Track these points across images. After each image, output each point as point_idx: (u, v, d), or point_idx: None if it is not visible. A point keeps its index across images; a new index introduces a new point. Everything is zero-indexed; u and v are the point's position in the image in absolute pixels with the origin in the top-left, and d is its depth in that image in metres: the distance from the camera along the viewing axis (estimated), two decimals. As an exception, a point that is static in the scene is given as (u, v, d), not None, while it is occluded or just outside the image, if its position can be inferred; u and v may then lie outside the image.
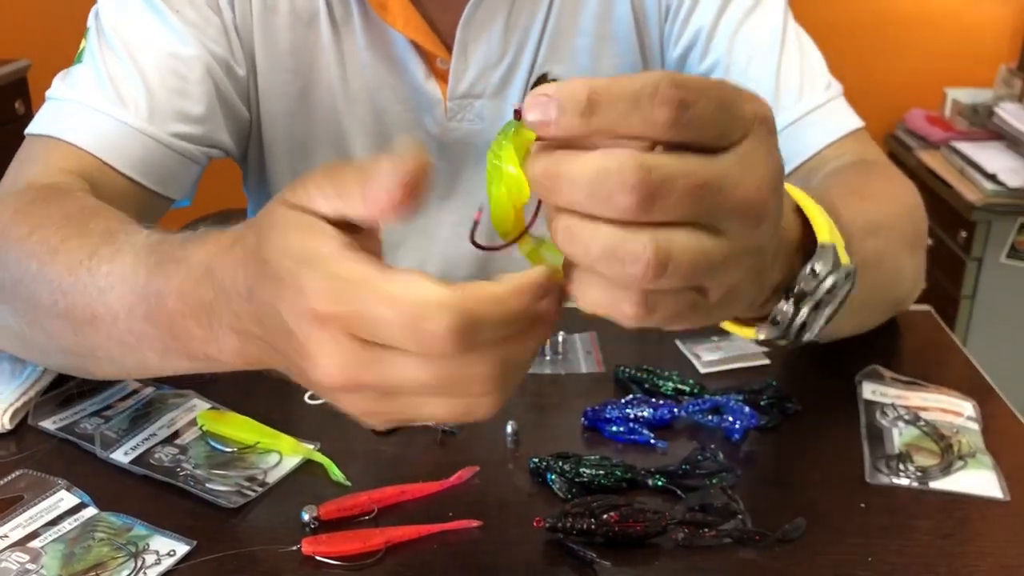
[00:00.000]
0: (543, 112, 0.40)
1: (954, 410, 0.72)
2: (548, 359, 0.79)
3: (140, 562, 0.57)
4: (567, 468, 0.63)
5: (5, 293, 0.66)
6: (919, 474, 0.65)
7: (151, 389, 0.74)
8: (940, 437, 0.68)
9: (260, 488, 0.63)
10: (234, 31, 0.87)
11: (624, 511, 0.58)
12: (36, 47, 2.31)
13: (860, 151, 0.86)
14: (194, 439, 0.68)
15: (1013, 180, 2.09)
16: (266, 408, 0.71)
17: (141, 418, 0.70)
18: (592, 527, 0.58)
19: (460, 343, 0.40)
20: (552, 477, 0.63)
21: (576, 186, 0.40)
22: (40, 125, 0.81)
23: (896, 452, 0.67)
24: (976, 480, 0.64)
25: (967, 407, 0.72)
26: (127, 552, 0.57)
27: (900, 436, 0.69)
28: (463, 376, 0.42)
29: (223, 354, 0.51)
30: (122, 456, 0.66)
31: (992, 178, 2.11)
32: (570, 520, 0.58)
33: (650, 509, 0.59)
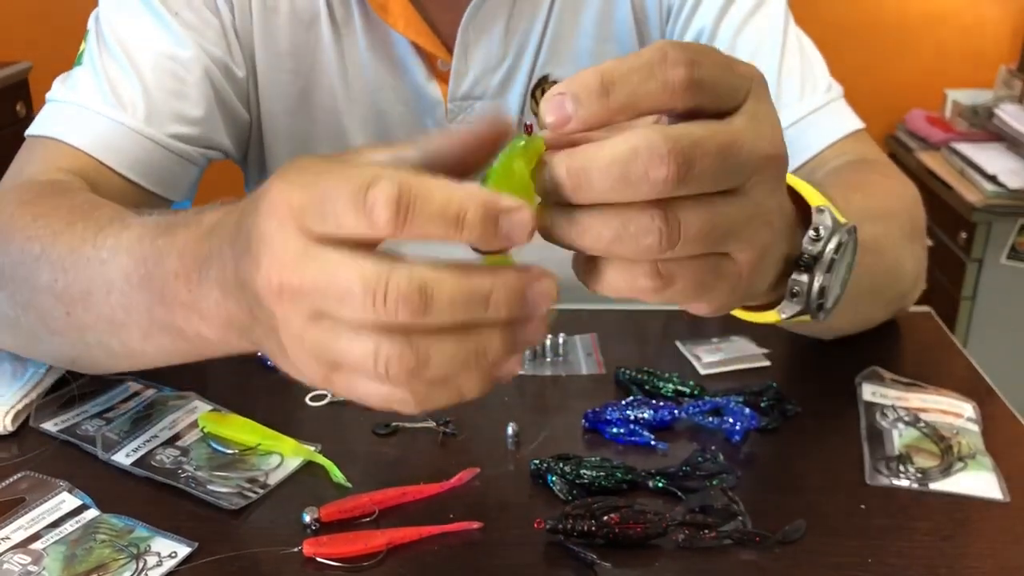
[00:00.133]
0: (559, 110, 0.40)
1: (954, 411, 0.72)
2: (549, 360, 0.79)
3: (142, 564, 0.57)
4: (568, 470, 0.63)
5: (3, 277, 0.66)
6: (919, 475, 0.65)
7: (152, 391, 0.74)
8: (940, 438, 0.68)
9: (261, 490, 0.63)
10: (233, 33, 0.87)
11: (624, 512, 0.58)
12: (37, 49, 2.32)
13: (860, 151, 0.86)
14: (195, 441, 0.68)
15: (1013, 181, 2.09)
16: (267, 410, 0.71)
17: (142, 420, 0.70)
18: (593, 528, 0.58)
19: (400, 213, 0.38)
20: (553, 479, 0.63)
21: (608, 172, 0.40)
22: (39, 127, 0.82)
23: (896, 453, 0.67)
24: (976, 481, 0.65)
25: (967, 408, 0.72)
26: (129, 554, 0.57)
27: (900, 437, 0.69)
28: (421, 352, 0.40)
29: (204, 320, 0.50)
30: (123, 458, 0.66)
31: (992, 179, 2.11)
32: (571, 521, 0.58)
33: (650, 510, 0.59)
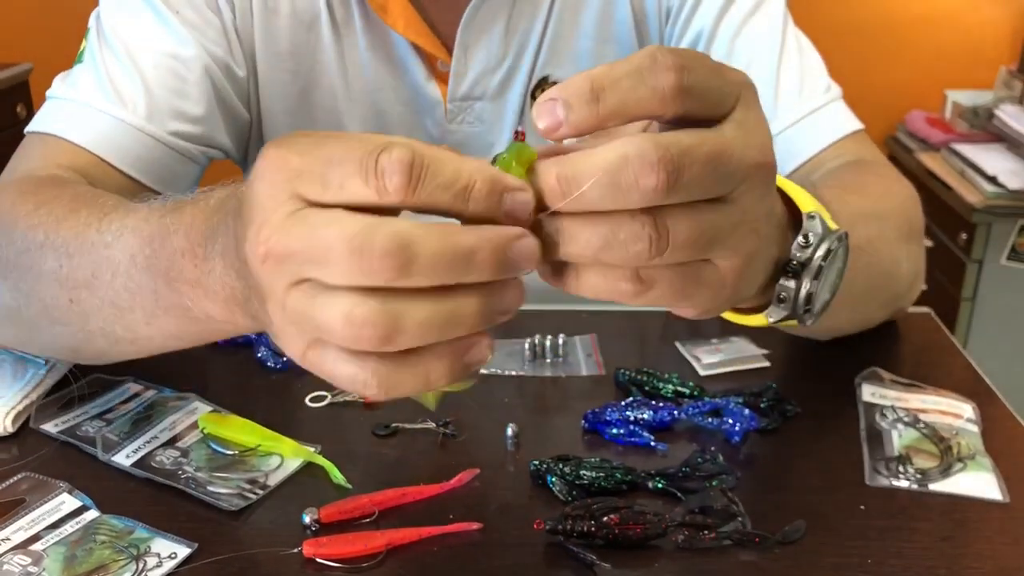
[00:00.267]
0: (551, 115, 0.40)
1: (954, 412, 0.72)
2: (548, 361, 0.79)
3: (141, 565, 0.57)
4: (567, 470, 0.63)
5: (6, 267, 0.66)
6: (919, 476, 0.65)
7: (152, 392, 0.74)
8: (940, 439, 0.68)
9: (261, 491, 0.63)
10: (234, 32, 0.87)
11: (624, 513, 0.58)
12: (38, 51, 2.32)
13: (859, 152, 0.86)
14: (195, 442, 0.68)
15: (1013, 182, 2.09)
16: (267, 411, 0.71)
17: (142, 421, 0.70)
18: (592, 529, 0.58)
19: (412, 179, 0.40)
20: (552, 479, 0.63)
21: (598, 180, 0.40)
22: (39, 123, 0.82)
23: (896, 454, 0.67)
24: (976, 482, 0.65)
25: (967, 409, 0.72)
26: (129, 555, 0.57)
27: (900, 438, 0.69)
28: (399, 313, 0.40)
29: (208, 297, 0.50)
30: (124, 459, 0.66)
31: (992, 180, 2.11)
32: (570, 522, 0.58)
33: (650, 511, 0.59)
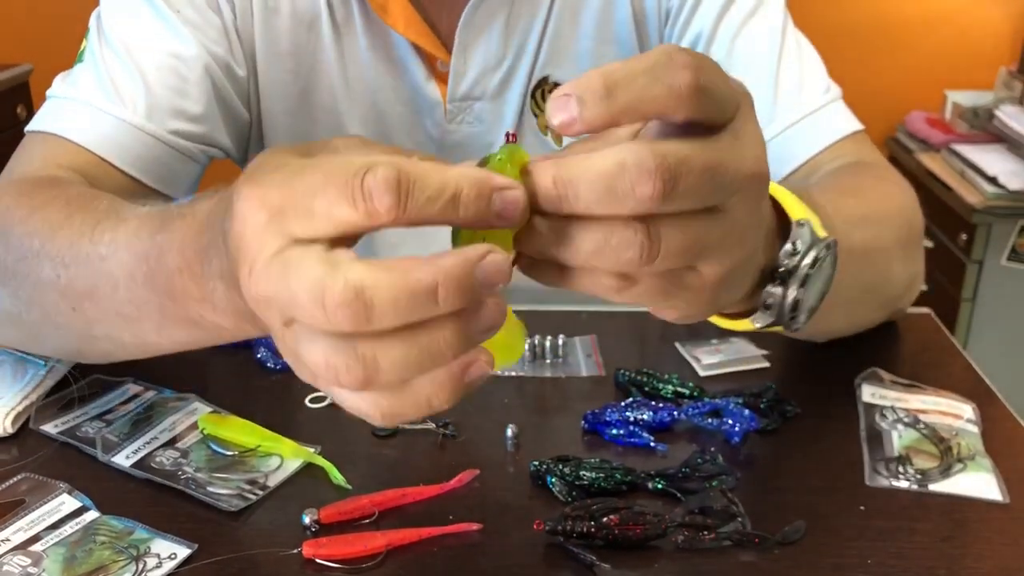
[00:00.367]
0: (565, 110, 0.40)
1: (954, 413, 0.72)
2: (548, 362, 0.79)
3: (141, 565, 0.57)
4: (567, 471, 0.63)
5: (5, 274, 0.66)
6: (919, 477, 0.65)
7: (152, 393, 0.74)
8: (940, 440, 0.68)
9: (261, 491, 0.63)
10: (234, 32, 0.87)
11: (624, 514, 0.58)
12: (38, 52, 2.32)
13: (858, 153, 0.85)
14: (195, 442, 0.68)
15: (1013, 183, 2.09)
16: (267, 411, 0.71)
17: (142, 422, 0.70)
18: (592, 530, 0.58)
19: (401, 197, 0.38)
20: (552, 480, 0.63)
21: (595, 185, 0.40)
22: (39, 122, 0.82)
23: (895, 455, 0.67)
24: (976, 483, 0.65)
25: (967, 410, 0.72)
26: (128, 555, 0.57)
27: (899, 439, 0.69)
28: (374, 356, 0.38)
29: (216, 311, 0.50)
30: (123, 460, 0.66)
31: (992, 181, 2.11)
32: (570, 523, 0.58)
33: (650, 512, 0.59)
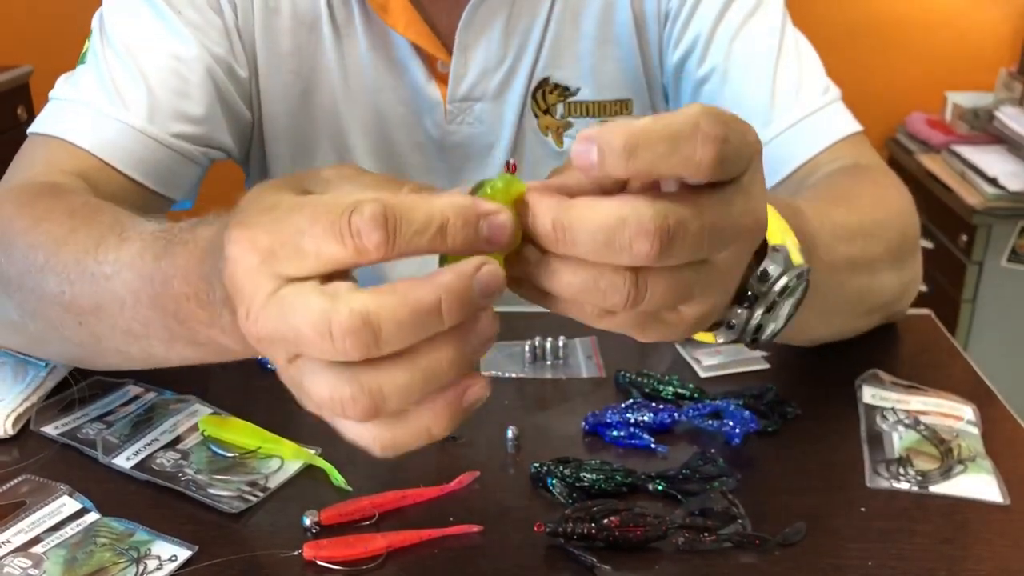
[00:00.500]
0: (586, 158, 0.40)
1: (954, 414, 0.72)
2: (549, 364, 0.79)
3: (142, 567, 0.57)
4: (568, 473, 0.63)
5: (10, 286, 0.66)
6: (919, 478, 0.65)
7: (153, 394, 0.74)
8: (940, 441, 0.68)
9: (261, 493, 0.63)
10: (236, 32, 0.87)
11: (624, 516, 0.58)
12: (38, 53, 2.32)
13: (856, 156, 0.85)
14: (196, 444, 0.68)
15: (1014, 184, 2.09)
16: (268, 413, 0.71)
17: (143, 423, 0.70)
18: (593, 532, 0.58)
19: (389, 233, 0.40)
20: (553, 482, 0.63)
21: (593, 236, 0.40)
22: (42, 125, 0.82)
23: (896, 456, 0.67)
24: (976, 484, 0.65)
25: (967, 411, 0.72)
26: (129, 557, 0.57)
27: (900, 440, 0.69)
28: (377, 383, 0.41)
29: (225, 334, 0.50)
30: (124, 461, 0.66)
31: (993, 182, 2.11)
32: (571, 525, 0.58)
33: (650, 513, 0.59)
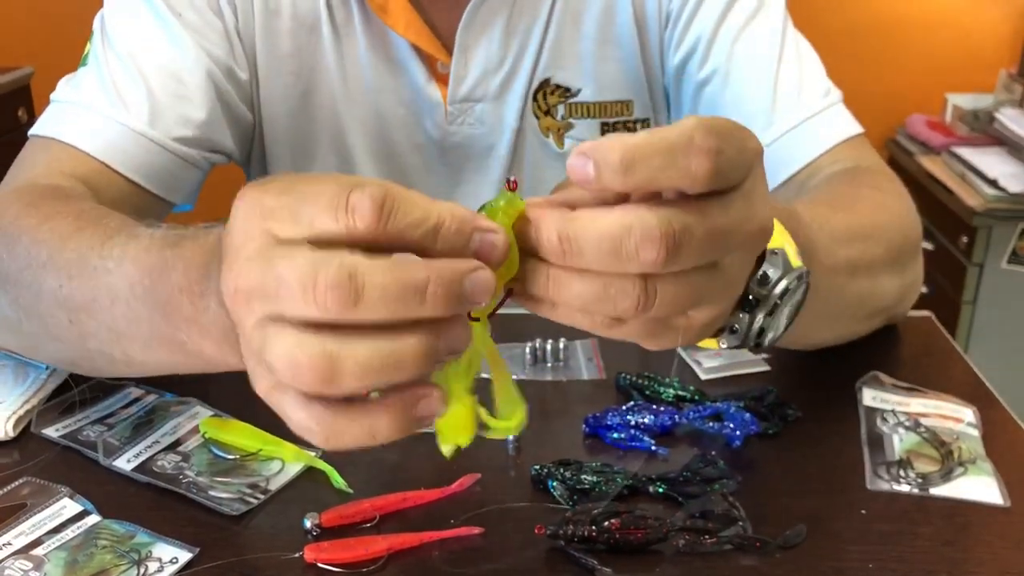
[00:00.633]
0: (582, 172, 0.41)
1: (954, 416, 0.72)
2: (549, 366, 0.79)
3: (143, 569, 0.57)
4: (568, 475, 0.63)
5: (8, 281, 0.66)
6: (920, 480, 0.65)
7: (154, 396, 0.74)
8: (940, 443, 0.68)
9: (262, 495, 0.63)
10: (236, 35, 0.87)
11: (625, 518, 0.58)
12: (39, 54, 2.32)
13: (856, 158, 0.85)
14: (196, 446, 0.68)
15: (1014, 185, 2.09)
16: (268, 415, 0.70)
17: (144, 425, 0.70)
18: (593, 534, 0.58)
19: (382, 217, 0.40)
20: (553, 484, 0.63)
21: (599, 246, 0.41)
22: (43, 127, 0.82)
23: (896, 458, 0.67)
24: (977, 486, 0.65)
25: (967, 413, 0.72)
26: (130, 559, 0.57)
27: (900, 442, 0.69)
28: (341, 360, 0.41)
29: (202, 331, 0.51)
30: (125, 463, 0.66)
31: (993, 183, 2.11)
32: (571, 527, 0.58)
33: (651, 516, 0.59)
